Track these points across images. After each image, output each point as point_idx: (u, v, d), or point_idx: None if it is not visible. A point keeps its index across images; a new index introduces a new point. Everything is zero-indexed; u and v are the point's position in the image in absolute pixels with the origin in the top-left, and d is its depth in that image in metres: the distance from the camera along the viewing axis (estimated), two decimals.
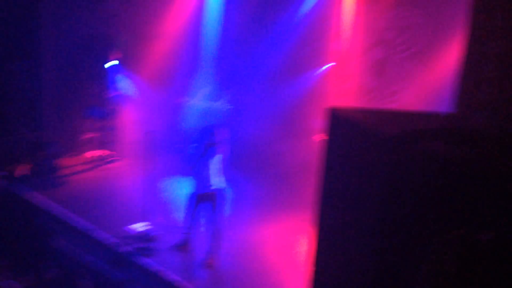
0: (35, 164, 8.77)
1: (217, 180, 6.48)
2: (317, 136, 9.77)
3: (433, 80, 8.89)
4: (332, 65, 10.19)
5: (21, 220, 7.71)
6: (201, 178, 6.46)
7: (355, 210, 3.69)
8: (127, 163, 9.85)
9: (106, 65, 9.45)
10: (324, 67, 10.30)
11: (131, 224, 7.36)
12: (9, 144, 8.94)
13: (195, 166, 6.40)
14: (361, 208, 3.57)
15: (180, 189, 8.86)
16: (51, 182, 8.66)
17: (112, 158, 9.87)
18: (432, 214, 2.86)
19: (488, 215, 2.54)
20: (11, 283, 4.95)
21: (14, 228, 7.48)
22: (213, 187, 6.49)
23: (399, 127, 3.60)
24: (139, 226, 7.22)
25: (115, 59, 9.66)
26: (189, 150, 6.61)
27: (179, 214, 7.86)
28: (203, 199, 6.57)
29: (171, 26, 10.53)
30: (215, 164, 6.43)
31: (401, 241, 3.10)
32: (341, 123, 4.01)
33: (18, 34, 9.05)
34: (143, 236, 6.97)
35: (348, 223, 3.78)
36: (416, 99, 9.21)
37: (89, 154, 10.01)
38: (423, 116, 4.07)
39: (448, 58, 8.53)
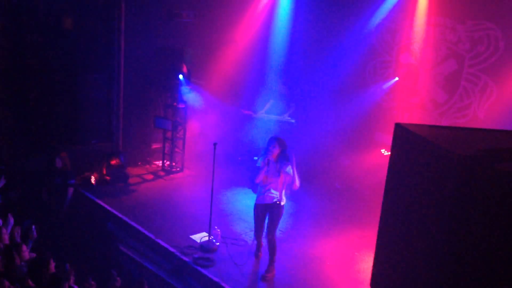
0: (107, 173, 9.17)
1: (277, 194, 6.45)
2: (383, 150, 9.53)
3: (506, 95, 8.43)
4: (400, 79, 9.91)
5: (93, 224, 8.08)
6: (263, 190, 6.46)
7: (419, 229, 3.54)
8: (191, 174, 10.07)
9: (177, 77, 9.74)
10: (392, 80, 10.05)
11: (193, 234, 7.49)
12: (83, 153, 9.40)
13: (258, 178, 6.40)
14: (427, 228, 3.42)
15: (242, 201, 8.94)
16: (120, 190, 9.02)
17: (178, 169, 10.13)
18: (504, 240, 2.69)
19: None
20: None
21: (87, 232, 7.84)
22: (273, 200, 6.46)
23: (471, 145, 3.42)
24: (201, 237, 7.34)
25: (185, 71, 9.95)
26: (255, 162, 6.63)
27: (240, 227, 7.92)
28: (264, 211, 6.56)
29: (240, 39, 10.73)
30: (277, 177, 6.40)
31: (468, 267, 2.93)
32: (407, 138, 3.88)
33: (96, 46, 9.56)
34: (204, 247, 7.07)
35: (411, 242, 3.63)
36: (488, 116, 8.77)
37: (156, 164, 10.33)
38: (496, 134, 3.85)
39: None
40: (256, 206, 6.60)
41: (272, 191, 6.43)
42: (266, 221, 6.62)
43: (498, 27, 8.58)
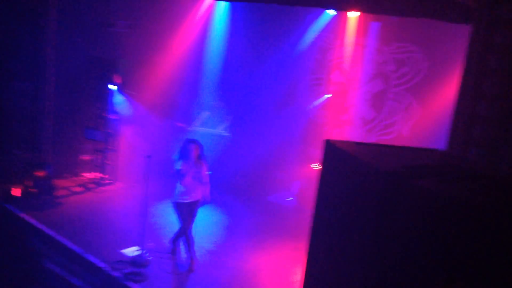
0: (32, 185, 8.76)
1: (197, 192, 6.95)
2: (314, 165, 9.81)
3: (429, 114, 8.98)
4: (331, 96, 10.28)
5: (14, 240, 7.66)
6: (186, 189, 6.89)
7: (346, 241, 3.69)
8: (123, 187, 9.85)
9: (107, 88, 9.53)
10: (324, 97, 10.40)
11: (123, 248, 7.32)
12: (6, 164, 8.93)
13: (176, 178, 6.89)
14: (352, 240, 3.57)
15: (174, 214, 8.84)
16: (46, 203, 8.64)
17: (108, 181, 9.86)
18: (424, 252, 2.86)
19: (482, 257, 2.53)
20: None
21: (7, 248, 7.43)
22: (196, 198, 6.99)
23: (394, 162, 3.63)
24: (131, 251, 7.18)
25: (116, 82, 9.75)
26: (172, 163, 7.04)
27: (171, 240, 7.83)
28: (187, 208, 6.98)
29: (174, 52, 10.68)
30: (193, 176, 6.86)
31: (391, 278, 3.08)
32: (336, 154, 4.05)
33: (22, 54, 9.16)
34: (135, 261, 6.92)
35: (339, 254, 3.78)
36: (412, 133, 9.29)
37: (86, 176, 10.01)
38: (418, 152, 4.11)
39: (444, 94, 8.64)
40: (180, 205, 6.95)
41: (194, 190, 6.94)
42: (184, 218, 7.03)
43: (421, 50, 9.15)
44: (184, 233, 7.06)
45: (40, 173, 8.94)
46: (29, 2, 9.01)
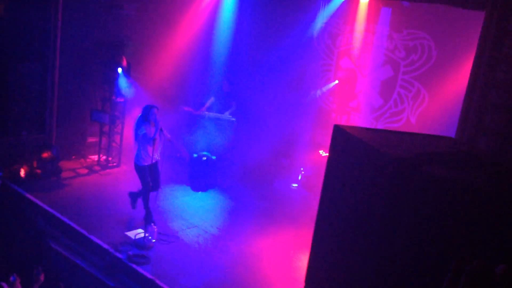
0: (38, 166, 8.77)
1: (157, 153, 7.49)
2: (322, 151, 9.75)
3: (438, 102, 8.88)
4: (340, 82, 10.18)
5: (21, 220, 7.70)
6: (150, 152, 7.41)
7: (354, 226, 3.65)
8: (128, 169, 9.82)
9: (114, 70, 9.48)
10: (332, 83, 10.30)
11: (128, 230, 7.33)
12: (13, 145, 8.94)
13: (142, 142, 7.39)
14: (361, 225, 3.53)
15: (180, 198, 8.85)
16: (52, 184, 8.66)
17: (114, 164, 9.86)
18: (434, 237, 2.83)
19: (490, 240, 2.49)
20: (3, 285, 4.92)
21: (14, 228, 7.47)
22: (157, 159, 7.54)
23: (404, 148, 3.58)
24: (135, 233, 7.19)
25: (123, 65, 9.70)
26: (137, 127, 7.44)
27: (177, 224, 7.84)
28: (150, 169, 7.48)
29: (182, 36, 10.59)
30: (159, 138, 7.38)
31: (401, 263, 3.05)
32: (345, 140, 4.00)
33: (30, 35, 9.11)
34: (138, 243, 6.93)
35: (347, 239, 3.74)
36: (420, 121, 9.19)
37: (92, 158, 10.00)
38: (428, 139, 4.05)
39: (454, 82, 8.52)
40: (144, 167, 7.48)
41: (157, 151, 7.50)
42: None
43: (431, 37, 9.01)
44: (144, 191, 7.54)
45: (47, 155, 8.95)
46: None
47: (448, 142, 4.06)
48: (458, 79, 8.31)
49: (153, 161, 7.54)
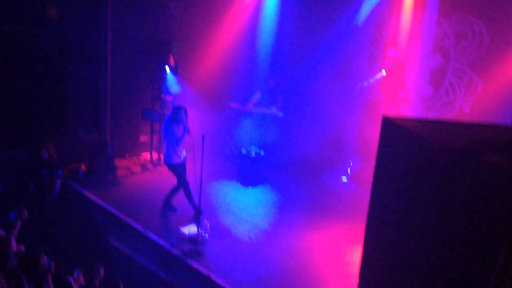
0: (94, 164, 9.12)
1: (182, 153, 7.76)
2: (369, 144, 9.62)
3: (492, 90, 8.56)
4: (387, 73, 9.99)
5: (80, 216, 8.04)
6: (179, 151, 7.70)
7: (408, 221, 3.60)
8: None
9: (164, 69, 9.71)
10: (379, 74, 10.12)
11: (181, 226, 7.52)
12: (71, 144, 9.33)
13: (172, 141, 7.65)
14: (415, 219, 3.48)
15: (231, 193, 8.97)
16: (108, 182, 8.99)
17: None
18: (491, 228, 2.75)
19: None
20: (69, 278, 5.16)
21: (73, 224, 7.80)
22: (184, 159, 7.82)
23: (458, 138, 3.49)
24: (190, 229, 7.36)
25: (172, 63, 9.91)
26: (165, 126, 7.73)
27: (229, 219, 7.96)
28: (179, 168, 7.77)
29: (227, 32, 10.70)
30: (181, 139, 7.61)
31: (457, 257, 2.99)
32: (395, 131, 3.94)
33: (82, 37, 9.46)
34: (193, 239, 7.09)
35: (400, 234, 3.70)
36: (474, 110, 8.89)
37: (144, 156, 10.30)
38: (482, 128, 3.93)
39: (508, 68, 8.19)
40: (175, 165, 7.75)
41: (184, 151, 7.82)
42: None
43: (482, 22, 8.69)
44: (185, 187, 7.77)
45: (102, 154, 9.28)
46: None
47: (505, 130, 3.92)
48: None
49: (183, 160, 7.84)
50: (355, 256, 6.46)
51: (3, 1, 8.50)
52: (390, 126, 4.05)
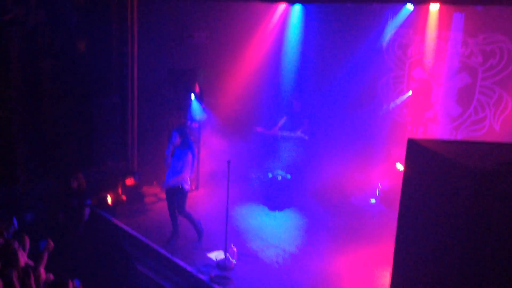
0: (122, 193, 9.24)
1: (175, 178, 7.50)
2: (398, 164, 9.47)
3: None
4: (413, 93, 9.89)
5: (109, 244, 8.12)
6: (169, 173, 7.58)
7: (436, 242, 3.51)
8: (207, 192, 10.09)
9: (189, 97, 9.86)
10: (406, 95, 10.04)
11: (209, 252, 7.50)
12: (99, 173, 9.49)
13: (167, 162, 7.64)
14: (443, 243, 3.39)
15: (257, 218, 8.93)
16: (136, 209, 9.07)
17: (193, 187, 10.14)
18: None
19: None
20: None
21: (102, 251, 7.88)
22: (172, 183, 7.55)
23: (485, 159, 3.41)
24: (217, 255, 7.34)
25: (197, 91, 10.06)
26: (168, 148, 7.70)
27: (256, 244, 7.90)
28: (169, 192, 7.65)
29: (251, 58, 10.80)
30: (180, 162, 7.45)
31: (486, 277, 2.89)
32: (420, 153, 3.88)
33: (110, 69, 9.72)
34: (220, 265, 7.06)
35: (429, 258, 3.61)
36: (505, 128, 8.69)
37: None
38: (510, 148, 3.83)
39: None
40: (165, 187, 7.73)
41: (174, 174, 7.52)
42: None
43: (509, 40, 8.56)
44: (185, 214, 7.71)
45: (130, 181, 9.41)
46: (114, 21, 9.56)
47: None
48: None
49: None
50: (385, 279, 6.31)
51: (34, 36, 8.83)
52: (415, 148, 4.00)
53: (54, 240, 6.01)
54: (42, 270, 5.43)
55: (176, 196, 7.61)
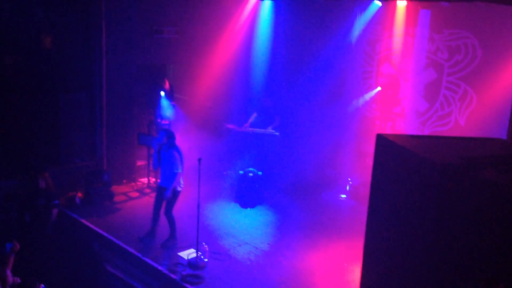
0: (91, 192, 9.07)
1: (165, 178, 7.45)
2: (367, 160, 9.58)
3: (486, 103, 8.57)
4: (382, 89, 10.02)
5: (77, 244, 7.97)
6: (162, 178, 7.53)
7: (404, 236, 3.57)
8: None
9: (158, 94, 9.74)
10: (375, 90, 10.16)
11: (180, 251, 7.44)
12: (67, 173, 9.29)
13: (155, 163, 7.60)
14: (411, 235, 3.45)
15: (229, 215, 8.91)
16: (105, 208, 8.93)
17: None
18: (487, 245, 2.72)
19: None
20: None
21: (71, 252, 7.73)
22: (161, 183, 7.51)
23: (450, 154, 3.48)
24: (188, 253, 7.28)
25: (167, 87, 9.95)
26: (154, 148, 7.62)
27: (228, 241, 7.88)
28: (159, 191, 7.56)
29: (221, 54, 10.75)
30: (169, 165, 7.36)
31: (450, 269, 2.95)
32: (389, 148, 3.93)
33: (77, 65, 9.51)
34: (192, 264, 7.01)
35: (397, 250, 3.66)
36: (470, 123, 8.89)
37: (142, 181, 10.25)
38: (475, 142, 3.91)
39: (502, 81, 8.21)
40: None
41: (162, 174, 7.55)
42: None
43: (474, 36, 8.75)
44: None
45: (99, 180, 9.24)
46: (81, 15, 9.36)
47: (497, 144, 3.91)
48: (507, 78, 8.02)
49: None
50: (356, 274, 6.38)
51: None
52: (384, 144, 4.05)
53: (21, 242, 5.85)
54: (8, 273, 5.28)
55: (167, 196, 7.45)
